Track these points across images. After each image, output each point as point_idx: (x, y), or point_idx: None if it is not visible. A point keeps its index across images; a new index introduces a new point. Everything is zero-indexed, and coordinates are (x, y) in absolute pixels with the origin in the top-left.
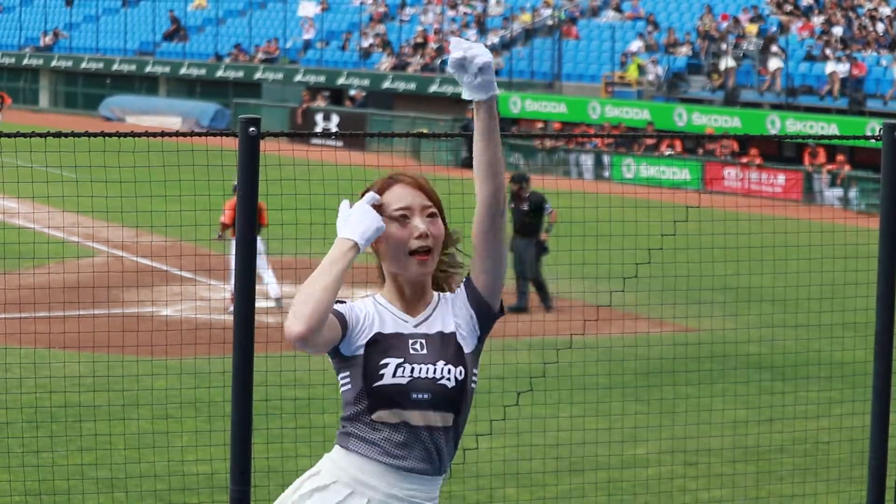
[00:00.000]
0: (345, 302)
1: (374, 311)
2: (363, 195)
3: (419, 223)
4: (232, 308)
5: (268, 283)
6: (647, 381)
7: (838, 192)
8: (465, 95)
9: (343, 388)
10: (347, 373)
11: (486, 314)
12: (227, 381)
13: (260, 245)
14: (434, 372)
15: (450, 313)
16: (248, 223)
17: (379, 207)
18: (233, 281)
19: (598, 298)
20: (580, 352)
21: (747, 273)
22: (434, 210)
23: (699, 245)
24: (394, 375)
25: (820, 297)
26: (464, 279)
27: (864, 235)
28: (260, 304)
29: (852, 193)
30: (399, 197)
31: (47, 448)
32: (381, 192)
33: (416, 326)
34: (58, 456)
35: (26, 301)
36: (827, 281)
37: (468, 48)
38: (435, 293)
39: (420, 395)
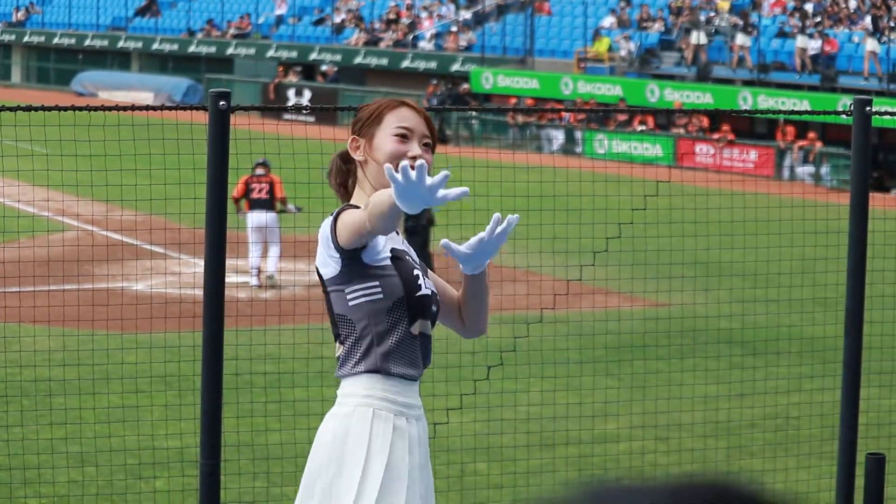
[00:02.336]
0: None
1: None
2: (361, 111)
3: (416, 147)
4: (256, 281)
5: (270, 257)
6: (619, 356)
7: (810, 168)
8: (465, 269)
9: (369, 298)
10: (377, 282)
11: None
12: (198, 355)
13: (272, 220)
14: (432, 286)
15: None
16: (218, 196)
17: (380, 123)
18: (251, 255)
19: (569, 273)
20: (551, 326)
21: (718, 248)
22: (429, 142)
23: (670, 220)
24: (425, 286)
25: (791, 272)
26: None
27: (835, 211)
28: (230, 278)
29: (824, 170)
30: (405, 117)
31: (18, 423)
32: (387, 110)
33: (403, 243)
34: (29, 431)
35: None
36: (798, 256)
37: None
38: None
39: (434, 308)
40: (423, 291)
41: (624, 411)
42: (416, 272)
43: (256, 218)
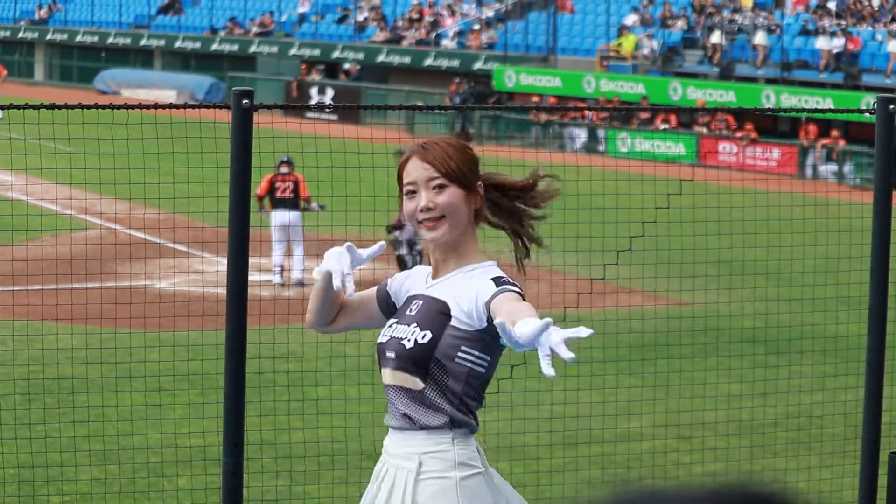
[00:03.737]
0: (406, 270)
1: (415, 275)
2: (397, 177)
3: (422, 197)
4: (279, 279)
5: (294, 256)
6: (641, 354)
7: (833, 166)
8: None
9: None
10: None
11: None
12: (221, 353)
13: (295, 219)
14: (403, 332)
15: (464, 283)
16: (241, 195)
17: (399, 184)
18: (275, 254)
19: (592, 272)
20: (573, 325)
21: (741, 247)
22: (441, 182)
23: (693, 219)
24: (382, 335)
25: (814, 270)
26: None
27: (858, 209)
28: (253, 277)
29: (847, 168)
30: (408, 172)
31: (41, 421)
32: (401, 167)
33: (427, 289)
34: (51, 429)
35: (19, 274)
36: (821, 255)
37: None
38: (474, 263)
39: (389, 354)
40: (378, 340)
41: (647, 410)
42: (389, 321)
43: (280, 217)
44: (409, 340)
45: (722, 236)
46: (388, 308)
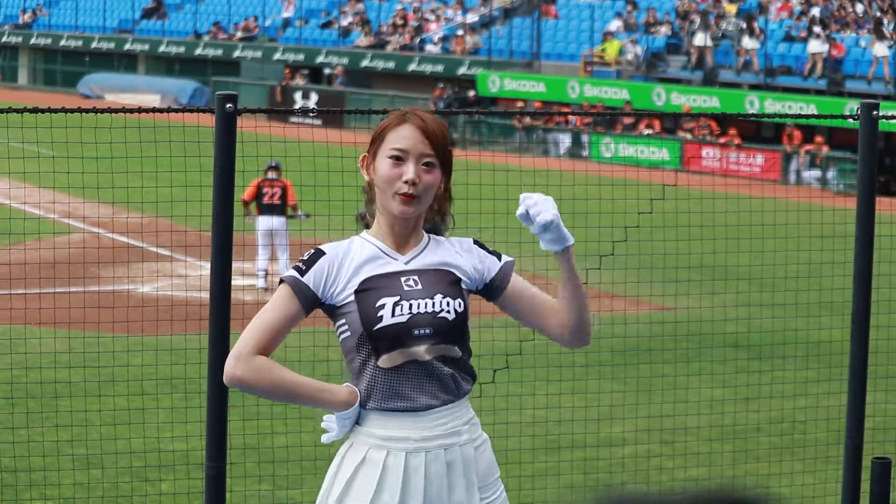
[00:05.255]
0: (316, 258)
1: (357, 253)
2: (378, 132)
3: (410, 169)
4: (263, 283)
5: (280, 261)
6: (625, 359)
7: (816, 172)
8: (542, 245)
9: (342, 336)
10: (343, 320)
11: (490, 294)
12: (204, 358)
13: (280, 224)
14: (433, 306)
15: (447, 253)
16: (224, 199)
17: (382, 142)
18: (259, 258)
19: None
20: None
21: (725, 252)
22: (432, 160)
23: (676, 224)
24: (392, 315)
25: (797, 276)
26: (477, 243)
27: (842, 215)
28: (237, 281)
29: (830, 174)
30: (402, 137)
31: (23, 425)
32: (391, 126)
33: (406, 263)
34: (34, 433)
35: (2, 278)
36: (804, 260)
37: (533, 204)
38: (426, 235)
39: (421, 331)
40: (390, 321)
41: (630, 415)
42: (380, 302)
43: (266, 222)
44: (448, 312)
45: (705, 241)
46: (313, 304)
